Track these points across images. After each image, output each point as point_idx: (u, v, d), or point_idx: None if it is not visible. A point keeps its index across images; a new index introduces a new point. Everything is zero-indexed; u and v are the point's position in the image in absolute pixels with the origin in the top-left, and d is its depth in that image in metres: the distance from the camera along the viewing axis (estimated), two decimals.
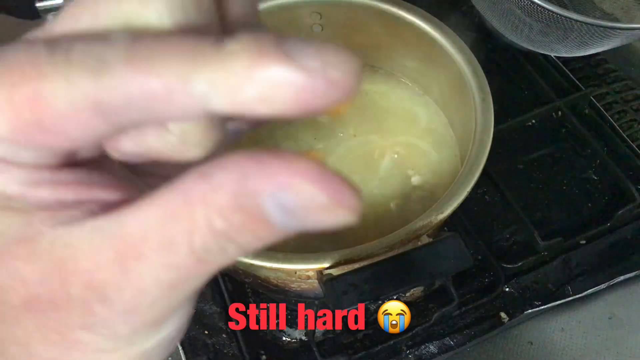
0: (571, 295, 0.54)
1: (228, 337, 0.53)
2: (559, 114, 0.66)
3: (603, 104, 0.67)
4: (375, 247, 0.40)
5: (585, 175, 0.62)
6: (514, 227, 0.58)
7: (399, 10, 0.53)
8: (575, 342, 0.52)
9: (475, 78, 0.49)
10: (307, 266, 0.40)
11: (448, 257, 0.39)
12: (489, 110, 0.47)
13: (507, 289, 0.54)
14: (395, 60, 0.58)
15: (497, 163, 0.60)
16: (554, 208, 0.60)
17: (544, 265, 0.56)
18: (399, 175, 0.52)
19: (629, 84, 0.70)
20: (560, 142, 0.65)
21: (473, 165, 0.44)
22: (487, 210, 0.60)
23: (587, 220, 0.59)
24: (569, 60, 0.71)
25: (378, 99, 0.58)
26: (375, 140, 0.55)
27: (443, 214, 0.41)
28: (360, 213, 0.14)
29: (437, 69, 0.54)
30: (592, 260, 0.56)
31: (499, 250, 0.57)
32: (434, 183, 0.51)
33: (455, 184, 0.43)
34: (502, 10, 0.63)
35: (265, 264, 0.40)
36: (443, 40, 0.51)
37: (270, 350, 0.53)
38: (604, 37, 0.58)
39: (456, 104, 0.53)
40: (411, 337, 0.52)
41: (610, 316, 0.53)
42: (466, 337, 0.52)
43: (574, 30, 0.58)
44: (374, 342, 0.52)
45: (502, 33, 0.69)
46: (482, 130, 0.46)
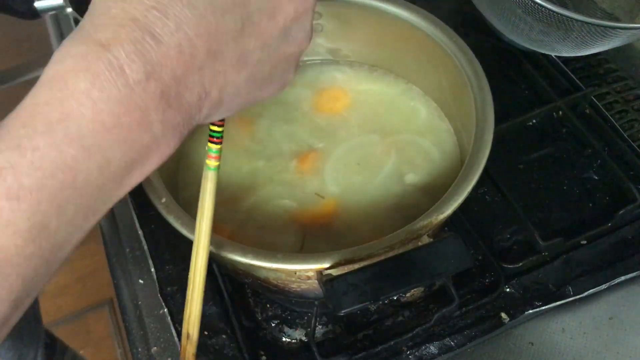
0: (572, 296, 0.53)
1: (228, 337, 0.53)
2: (560, 114, 0.66)
3: (604, 104, 0.67)
4: (375, 247, 0.40)
5: (586, 175, 0.62)
6: (515, 227, 0.58)
7: (399, 10, 0.53)
8: (576, 343, 0.52)
9: (475, 78, 0.49)
10: (307, 266, 0.40)
11: (448, 257, 0.39)
12: (489, 110, 0.47)
13: (507, 289, 0.54)
14: (395, 59, 0.58)
15: (497, 163, 0.59)
16: (554, 208, 0.60)
17: (545, 265, 0.56)
18: (399, 175, 0.52)
19: (629, 84, 0.69)
20: (561, 142, 0.65)
21: (473, 165, 0.44)
22: (487, 210, 0.60)
23: (587, 220, 0.59)
24: (570, 60, 0.70)
25: (378, 99, 0.58)
26: (375, 140, 0.55)
27: (443, 214, 0.41)
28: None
29: (437, 69, 0.54)
30: (593, 260, 0.56)
31: (500, 250, 0.57)
32: (434, 183, 0.51)
33: (455, 184, 0.43)
34: (503, 9, 0.63)
35: (265, 264, 0.39)
36: (443, 40, 0.51)
37: (270, 350, 0.53)
38: (605, 36, 0.58)
39: (456, 103, 0.53)
40: (411, 338, 0.52)
41: (611, 316, 0.53)
42: (466, 338, 0.52)
43: (574, 30, 0.58)
44: (374, 342, 0.52)
45: (503, 32, 0.69)
46: (483, 130, 0.46)
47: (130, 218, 0.60)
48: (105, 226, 0.61)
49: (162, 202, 0.43)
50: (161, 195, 0.43)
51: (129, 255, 0.58)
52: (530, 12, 0.59)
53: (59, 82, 0.23)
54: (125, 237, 0.60)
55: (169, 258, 0.57)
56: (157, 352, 0.52)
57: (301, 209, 0.50)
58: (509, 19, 0.63)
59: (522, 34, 0.64)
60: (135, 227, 0.59)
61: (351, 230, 0.49)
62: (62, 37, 0.80)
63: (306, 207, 0.50)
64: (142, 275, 0.57)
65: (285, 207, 0.50)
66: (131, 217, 0.60)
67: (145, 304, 0.55)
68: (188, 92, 0.26)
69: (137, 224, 0.59)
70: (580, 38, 0.59)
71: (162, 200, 0.43)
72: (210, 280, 0.56)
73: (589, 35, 0.58)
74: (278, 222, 0.50)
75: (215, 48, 0.26)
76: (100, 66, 0.23)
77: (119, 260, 0.59)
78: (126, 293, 0.57)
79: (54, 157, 0.23)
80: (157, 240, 0.58)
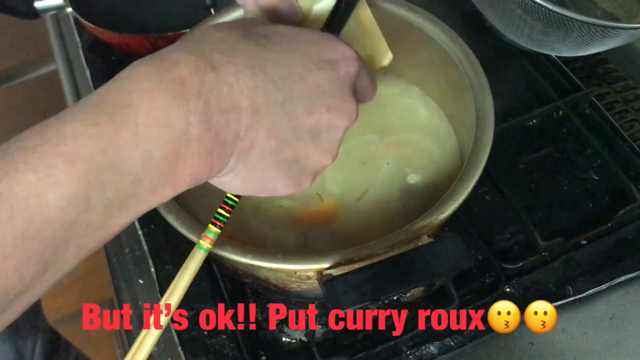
0: (572, 296, 0.53)
1: (228, 338, 0.53)
2: (560, 114, 0.66)
3: (604, 104, 0.67)
4: (375, 247, 0.40)
5: (586, 175, 0.62)
6: (515, 227, 0.58)
7: (399, 10, 0.53)
8: (576, 343, 0.52)
9: (475, 77, 0.49)
10: (307, 266, 0.40)
11: (448, 257, 0.39)
12: (489, 110, 0.47)
13: (507, 289, 0.54)
14: (395, 59, 0.58)
15: (497, 163, 0.59)
16: (554, 208, 0.60)
17: (545, 265, 0.56)
18: (399, 175, 0.52)
19: (629, 84, 0.69)
20: (561, 142, 0.65)
21: (474, 165, 0.43)
22: (487, 210, 0.60)
23: (588, 220, 0.59)
24: (570, 60, 0.70)
25: (378, 99, 0.58)
26: (375, 140, 0.55)
27: (444, 213, 0.41)
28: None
29: (437, 69, 0.53)
30: (593, 260, 0.56)
31: (500, 250, 0.57)
32: (435, 183, 0.51)
33: (456, 184, 0.43)
34: (503, 9, 0.63)
35: (265, 264, 0.39)
36: (443, 40, 0.51)
37: (270, 350, 0.53)
38: (605, 36, 0.58)
39: (456, 103, 0.53)
40: (411, 338, 0.52)
41: (611, 316, 0.53)
42: (467, 338, 0.52)
43: (574, 30, 0.58)
44: (374, 342, 0.52)
45: (503, 32, 0.69)
46: (483, 129, 0.46)
47: None
48: None
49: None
50: None
51: (129, 255, 0.58)
52: (531, 12, 0.59)
53: (129, 79, 0.28)
54: (125, 237, 0.60)
55: (169, 258, 0.57)
56: (157, 352, 0.52)
57: (301, 209, 0.50)
58: (509, 19, 0.63)
59: (522, 34, 0.64)
60: (135, 227, 0.59)
61: (351, 230, 0.49)
62: (62, 37, 0.80)
63: (306, 207, 0.50)
64: (142, 275, 0.57)
65: (285, 207, 0.50)
66: None
67: (145, 304, 0.55)
68: (227, 127, 0.29)
69: (137, 224, 0.59)
70: (580, 38, 0.59)
71: None
72: (210, 280, 0.56)
73: (589, 35, 0.58)
74: (278, 222, 0.50)
75: (258, 105, 0.30)
76: (166, 76, 0.28)
77: (119, 260, 0.59)
78: (126, 293, 0.57)
79: (110, 136, 0.26)
80: (157, 240, 0.58)
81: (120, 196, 0.27)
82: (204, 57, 0.29)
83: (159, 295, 0.54)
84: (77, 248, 0.26)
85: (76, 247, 0.26)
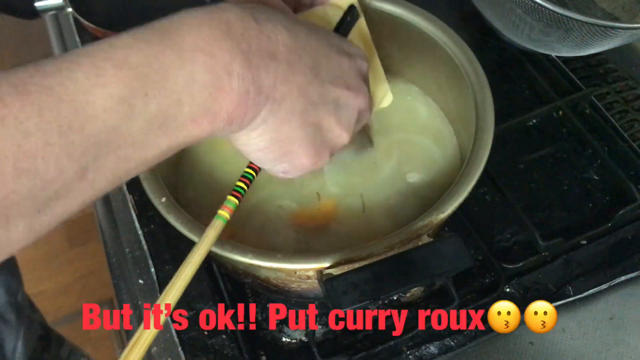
0: (572, 296, 0.53)
1: (228, 338, 0.53)
2: (560, 114, 0.66)
3: (604, 104, 0.67)
4: (375, 246, 0.40)
5: (586, 175, 0.62)
6: (515, 227, 0.58)
7: (399, 9, 0.53)
8: (576, 343, 0.52)
9: (475, 77, 0.49)
10: (307, 266, 0.40)
11: (448, 257, 0.39)
12: (489, 110, 0.47)
13: (507, 289, 0.54)
14: (394, 59, 0.58)
15: (497, 163, 0.59)
16: (554, 208, 0.60)
17: (545, 265, 0.56)
18: (400, 175, 0.52)
19: (629, 84, 0.69)
20: (561, 142, 0.65)
21: (474, 165, 0.44)
22: (487, 210, 0.60)
23: (588, 220, 0.59)
24: (570, 60, 0.70)
25: None
26: (375, 140, 0.55)
27: (444, 213, 0.41)
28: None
29: (437, 69, 0.53)
30: (593, 260, 0.56)
31: (500, 250, 0.57)
32: (435, 183, 0.51)
33: (455, 184, 0.43)
34: (503, 9, 0.63)
35: (265, 264, 0.39)
36: (443, 40, 0.51)
37: (270, 350, 0.53)
38: (605, 36, 0.58)
39: (456, 103, 0.53)
40: (411, 338, 0.52)
41: (611, 317, 0.53)
42: (467, 338, 0.52)
43: (574, 30, 0.58)
44: (374, 342, 0.52)
45: (503, 32, 0.69)
46: (483, 129, 0.46)
47: (130, 218, 0.60)
48: (105, 226, 0.61)
49: (162, 202, 0.43)
50: (161, 195, 0.43)
51: (129, 255, 0.58)
52: (531, 12, 0.59)
53: (179, 16, 0.30)
54: (125, 237, 0.59)
55: (169, 258, 0.57)
56: (156, 352, 0.52)
57: (301, 209, 0.50)
58: (509, 18, 0.63)
59: (522, 33, 0.64)
60: (135, 227, 0.59)
61: (351, 230, 0.49)
62: (62, 37, 0.80)
63: (306, 207, 0.50)
64: (142, 275, 0.57)
65: (285, 207, 0.50)
66: (131, 217, 0.60)
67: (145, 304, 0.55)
68: (265, 72, 0.31)
69: (137, 224, 0.59)
70: (580, 38, 0.59)
71: (162, 200, 0.43)
72: (210, 280, 0.56)
73: (589, 35, 0.58)
74: (278, 223, 0.50)
75: (292, 61, 0.33)
76: (215, 16, 0.30)
77: (119, 260, 0.59)
78: (126, 293, 0.57)
79: (157, 53, 0.28)
80: (157, 240, 0.58)
81: (161, 114, 0.28)
82: (248, 11, 0.32)
83: (159, 295, 0.54)
84: (116, 161, 0.27)
85: (115, 159, 0.27)
